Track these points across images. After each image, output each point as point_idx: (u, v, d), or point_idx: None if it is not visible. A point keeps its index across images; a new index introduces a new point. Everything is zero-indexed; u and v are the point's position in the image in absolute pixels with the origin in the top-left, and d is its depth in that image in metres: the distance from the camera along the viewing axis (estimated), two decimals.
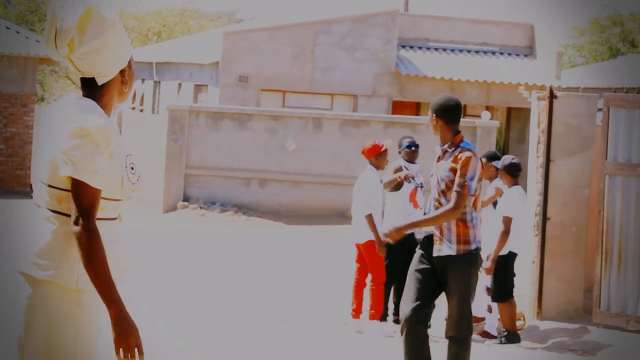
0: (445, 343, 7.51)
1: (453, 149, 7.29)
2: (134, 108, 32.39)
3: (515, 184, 10.60)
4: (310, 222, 21.90)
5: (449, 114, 7.39)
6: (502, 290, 10.51)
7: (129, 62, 3.98)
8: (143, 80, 32.55)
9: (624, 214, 10.78)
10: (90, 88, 3.94)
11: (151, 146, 23.56)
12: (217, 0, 58.92)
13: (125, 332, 3.76)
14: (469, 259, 7.22)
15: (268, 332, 10.28)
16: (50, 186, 3.88)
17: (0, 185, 25.00)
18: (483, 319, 11.22)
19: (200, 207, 22.26)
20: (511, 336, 10.50)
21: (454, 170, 7.19)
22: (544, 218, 11.35)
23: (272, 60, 26.94)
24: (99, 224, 3.83)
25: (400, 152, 11.25)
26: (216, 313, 11.21)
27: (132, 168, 3.94)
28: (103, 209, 3.89)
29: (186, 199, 22.60)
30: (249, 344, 9.58)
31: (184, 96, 28.93)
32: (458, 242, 7.18)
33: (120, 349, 3.77)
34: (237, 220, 21.86)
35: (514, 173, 10.59)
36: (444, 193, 7.23)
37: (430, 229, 7.28)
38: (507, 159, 10.67)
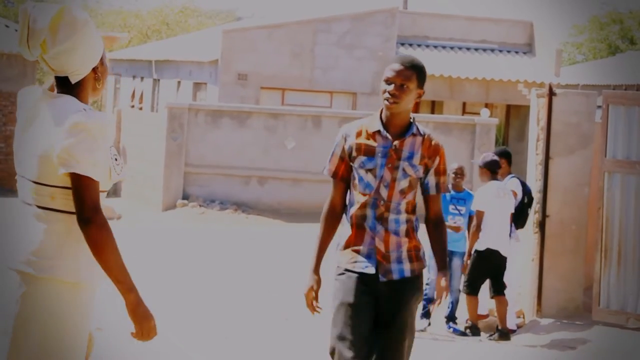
0: (445, 342, 7.40)
1: (414, 133, 5.25)
2: (133, 106, 32.39)
3: (493, 179, 10.86)
4: (310, 220, 21.86)
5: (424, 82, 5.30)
6: (469, 284, 10.76)
7: (101, 58, 4.00)
8: (142, 78, 32.55)
9: (623, 211, 10.77)
10: (65, 86, 3.95)
11: (150, 144, 23.55)
12: None
13: (143, 319, 3.84)
14: (420, 283, 5.36)
15: (268, 331, 10.27)
16: (39, 183, 3.88)
17: (0, 183, 24.99)
18: (486, 316, 11.32)
19: (200, 205, 22.25)
20: (503, 333, 10.62)
21: (425, 165, 5.23)
22: (544, 216, 11.36)
23: (272, 58, 26.94)
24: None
25: None
26: (216, 311, 11.21)
27: (116, 159, 3.96)
28: None
29: (185, 197, 22.59)
30: (249, 343, 9.58)
31: (183, 94, 28.92)
32: (411, 260, 5.27)
33: (138, 334, 3.86)
34: (237, 218, 21.84)
35: (495, 170, 10.88)
36: (403, 193, 5.23)
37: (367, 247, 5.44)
38: (487, 156, 10.97)
